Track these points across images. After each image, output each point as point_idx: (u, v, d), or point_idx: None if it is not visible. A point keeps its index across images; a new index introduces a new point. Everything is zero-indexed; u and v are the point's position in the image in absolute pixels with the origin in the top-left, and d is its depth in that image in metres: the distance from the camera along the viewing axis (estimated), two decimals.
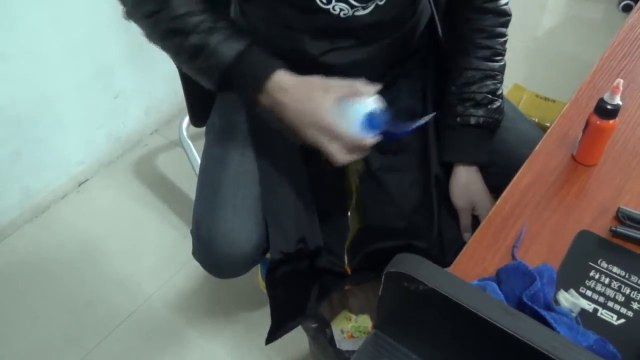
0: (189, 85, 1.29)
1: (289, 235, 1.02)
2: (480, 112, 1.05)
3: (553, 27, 2.72)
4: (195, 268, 1.62)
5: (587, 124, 0.86)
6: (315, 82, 0.91)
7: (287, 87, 0.91)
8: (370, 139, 0.88)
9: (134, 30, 1.00)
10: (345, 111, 0.87)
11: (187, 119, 1.75)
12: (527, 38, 2.59)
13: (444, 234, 1.09)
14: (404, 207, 1.10)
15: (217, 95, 1.21)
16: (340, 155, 0.89)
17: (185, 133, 1.76)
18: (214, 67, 0.93)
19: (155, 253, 1.71)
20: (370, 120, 0.87)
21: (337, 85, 0.90)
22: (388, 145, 0.97)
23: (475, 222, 1.09)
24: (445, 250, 1.09)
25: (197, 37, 0.92)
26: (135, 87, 1.97)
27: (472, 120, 1.05)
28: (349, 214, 1.14)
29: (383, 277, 0.57)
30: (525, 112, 1.37)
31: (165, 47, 0.97)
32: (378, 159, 1.14)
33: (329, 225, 1.10)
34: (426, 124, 1.11)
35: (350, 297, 1.33)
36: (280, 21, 1.02)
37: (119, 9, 0.99)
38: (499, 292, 0.67)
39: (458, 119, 1.06)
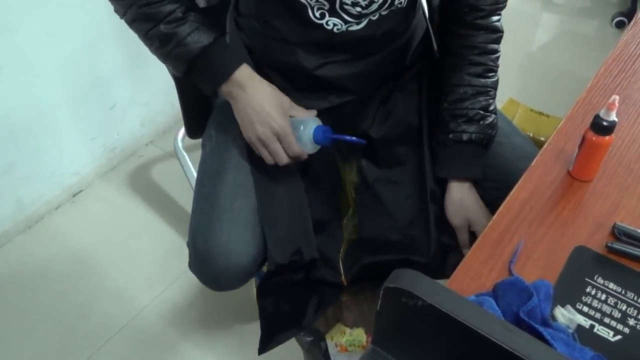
0: (186, 97, 1.29)
1: (284, 247, 1.02)
2: (473, 128, 1.05)
3: (547, 42, 2.74)
4: (189, 280, 1.62)
5: (583, 140, 0.86)
6: (279, 93, 1.01)
7: (252, 83, 0.99)
8: (308, 151, 1.02)
9: (131, 41, 1.00)
10: (296, 125, 1.01)
11: (182, 131, 1.75)
12: (521, 53, 2.61)
13: (442, 248, 1.09)
14: (400, 220, 1.10)
15: (214, 107, 1.21)
16: (282, 157, 1.00)
17: (180, 145, 1.76)
18: (182, 56, 0.97)
19: (150, 265, 1.70)
20: (318, 133, 1.00)
21: (292, 104, 1.02)
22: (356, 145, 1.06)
23: (473, 238, 1.09)
24: (444, 263, 1.09)
25: (167, 26, 0.95)
26: (131, 98, 1.97)
27: (465, 137, 1.05)
28: (344, 224, 1.14)
29: (381, 292, 0.57)
30: (519, 127, 1.37)
31: (135, 29, 0.99)
32: (374, 171, 1.14)
33: (326, 236, 1.10)
34: (421, 137, 1.12)
35: (345, 310, 1.33)
36: (275, 35, 1.03)
37: (116, 18, 1.00)
38: (496, 308, 0.67)
39: (451, 135, 1.06)
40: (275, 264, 1.01)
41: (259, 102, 0.98)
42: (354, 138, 1.02)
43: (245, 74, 0.99)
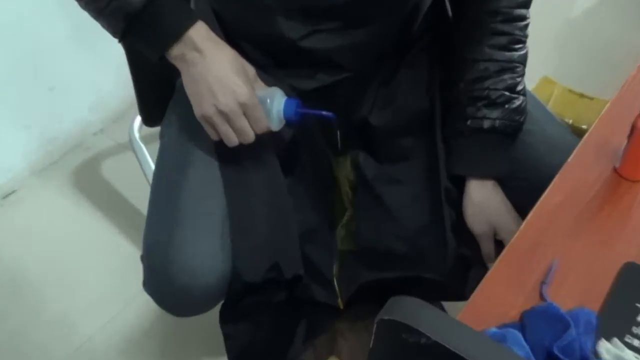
0: (140, 76, 1.29)
1: (258, 261, 1.01)
2: (496, 113, 1.05)
3: (590, 7, 2.73)
4: (146, 303, 1.59)
5: (633, 129, 0.85)
6: (242, 59, 1.00)
7: (211, 44, 0.97)
8: (274, 128, 1.01)
9: (77, 7, 0.99)
10: (261, 99, 0.99)
11: (139, 117, 1.73)
12: (558, 21, 2.61)
13: (461, 262, 1.09)
14: (407, 227, 1.11)
15: (176, 88, 1.20)
16: (249, 134, 0.97)
17: (137, 134, 1.75)
18: (120, 11, 0.95)
19: (97, 284, 1.70)
20: (290, 107, 1.00)
21: (256, 76, 1.01)
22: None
23: (500, 248, 1.08)
24: (463, 282, 1.10)
25: None
26: (76, 76, 1.96)
27: (486, 124, 1.05)
28: (338, 232, 1.15)
29: (375, 325, 0.55)
30: (556, 112, 1.37)
31: None
32: (374, 167, 1.15)
33: (316, 248, 1.10)
34: (432, 125, 1.11)
35: (339, 338, 1.32)
36: (253, 1, 1.02)
37: None
38: (524, 344, 0.66)
39: (468, 122, 1.06)
40: (242, 283, 1.00)
41: (222, 67, 0.96)
42: (327, 113, 1.02)
43: (202, 32, 0.97)
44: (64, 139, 2.02)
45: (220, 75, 0.96)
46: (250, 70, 1.00)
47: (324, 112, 1.01)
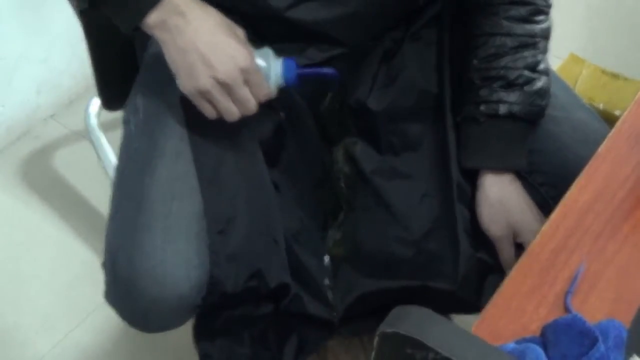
0: (100, 50, 1.29)
1: (237, 268, 1.02)
2: (514, 96, 1.05)
3: None
4: (107, 317, 1.60)
5: None
6: (230, 21, 1.01)
7: (195, 6, 0.98)
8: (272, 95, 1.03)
9: None
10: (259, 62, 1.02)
11: (97, 100, 1.73)
12: None
13: (476, 269, 1.10)
14: (413, 229, 1.11)
15: (141, 65, 1.20)
16: (251, 104, 0.99)
17: (94, 120, 1.74)
18: None
19: (50, 295, 1.69)
20: (289, 68, 1.03)
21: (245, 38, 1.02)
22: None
23: (521, 252, 1.09)
24: (479, 291, 1.10)
25: None
26: (22, 51, 1.95)
27: (502, 109, 1.06)
28: (329, 236, 1.15)
29: (376, 339, 0.56)
30: (584, 95, 1.38)
31: None
32: (374, 158, 1.15)
33: (306, 253, 1.11)
34: (442, 109, 1.12)
35: (331, 358, 1.33)
36: None
37: None
38: None
39: (482, 107, 1.07)
40: (220, 293, 1.01)
41: (213, 30, 0.97)
42: (329, 70, 1.05)
43: None
44: (8, 126, 2.01)
45: (213, 40, 0.96)
46: (239, 31, 1.00)
47: (324, 70, 1.04)
